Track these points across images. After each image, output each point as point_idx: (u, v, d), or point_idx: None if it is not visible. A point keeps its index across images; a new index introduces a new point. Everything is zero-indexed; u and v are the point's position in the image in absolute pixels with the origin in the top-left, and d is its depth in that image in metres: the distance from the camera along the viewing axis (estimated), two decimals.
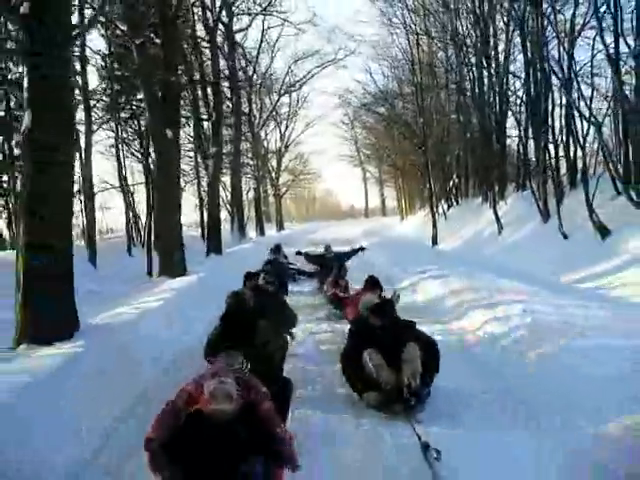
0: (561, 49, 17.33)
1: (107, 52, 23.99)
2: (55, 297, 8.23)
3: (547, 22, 18.27)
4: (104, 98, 25.08)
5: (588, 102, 16.62)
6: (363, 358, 6.43)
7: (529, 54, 20.23)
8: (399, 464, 5.00)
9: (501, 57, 24.33)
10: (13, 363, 6.69)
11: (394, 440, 5.50)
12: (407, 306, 10.10)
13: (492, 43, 24.86)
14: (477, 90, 25.80)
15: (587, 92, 17.66)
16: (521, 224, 19.72)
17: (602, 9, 15.65)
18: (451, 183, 33.17)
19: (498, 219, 21.21)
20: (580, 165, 17.79)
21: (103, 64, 24.60)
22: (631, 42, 15.03)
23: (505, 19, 23.72)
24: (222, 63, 27.50)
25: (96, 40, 24.29)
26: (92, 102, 22.84)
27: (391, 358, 6.33)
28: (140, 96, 22.53)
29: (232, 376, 4.18)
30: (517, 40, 22.08)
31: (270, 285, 10.18)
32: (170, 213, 16.75)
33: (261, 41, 36.47)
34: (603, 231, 14.41)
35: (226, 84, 28.29)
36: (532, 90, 20.07)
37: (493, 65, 24.18)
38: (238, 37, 32.19)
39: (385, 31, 36.10)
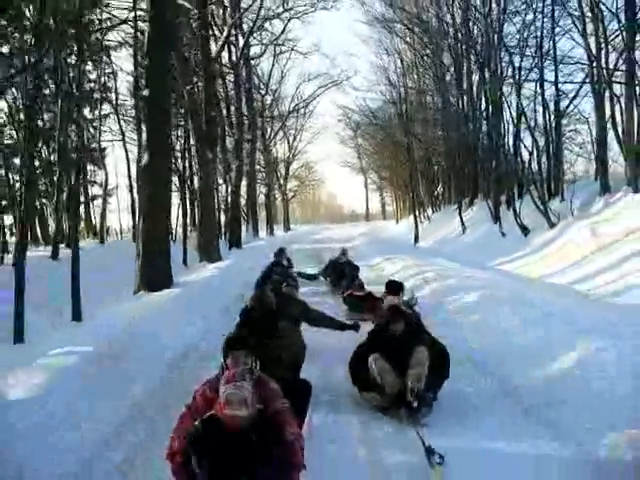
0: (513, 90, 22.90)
1: None
2: (159, 264, 13.73)
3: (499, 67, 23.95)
4: None
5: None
6: (368, 363, 6.46)
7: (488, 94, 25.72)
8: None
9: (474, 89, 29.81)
10: (141, 299, 12.07)
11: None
12: (375, 274, 15.44)
13: (465, 79, 30.38)
14: (459, 112, 31.17)
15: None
16: (478, 226, 25.30)
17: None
18: (436, 192, 38.85)
19: (462, 222, 26.85)
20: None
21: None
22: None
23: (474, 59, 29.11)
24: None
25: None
26: None
27: (399, 362, 6.33)
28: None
29: (247, 378, 4.09)
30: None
31: (293, 289, 10.37)
32: (210, 213, 22.37)
33: (272, 66, 42.07)
34: (525, 230, 20.01)
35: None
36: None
37: (466, 98, 29.71)
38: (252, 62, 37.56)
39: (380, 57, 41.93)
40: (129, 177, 30.81)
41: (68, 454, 5.01)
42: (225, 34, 24.73)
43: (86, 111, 30.01)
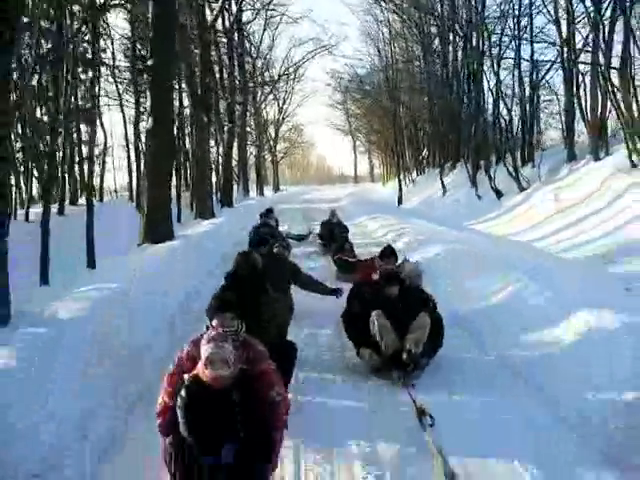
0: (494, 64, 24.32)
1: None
2: (161, 220, 15.18)
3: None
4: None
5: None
6: (370, 318, 6.46)
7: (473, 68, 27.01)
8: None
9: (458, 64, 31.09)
10: (142, 252, 13.52)
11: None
12: (360, 231, 17.00)
13: (451, 48, 31.62)
14: (443, 81, 32.49)
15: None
16: (458, 189, 26.87)
17: None
18: (421, 156, 40.32)
19: (443, 185, 28.40)
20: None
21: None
22: None
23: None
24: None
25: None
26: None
27: (398, 323, 6.37)
28: None
29: (230, 341, 4.04)
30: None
31: (285, 250, 9.74)
32: (204, 173, 23.80)
33: (264, 30, 43.04)
34: (498, 194, 21.59)
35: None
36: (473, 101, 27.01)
37: (451, 68, 31.01)
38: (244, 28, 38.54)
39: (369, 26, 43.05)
40: (126, 138, 32.01)
41: (123, 350, 6.57)
42: (220, 1, 25.87)
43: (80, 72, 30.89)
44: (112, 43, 31.59)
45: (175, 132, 27.79)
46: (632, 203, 13.66)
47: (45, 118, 28.77)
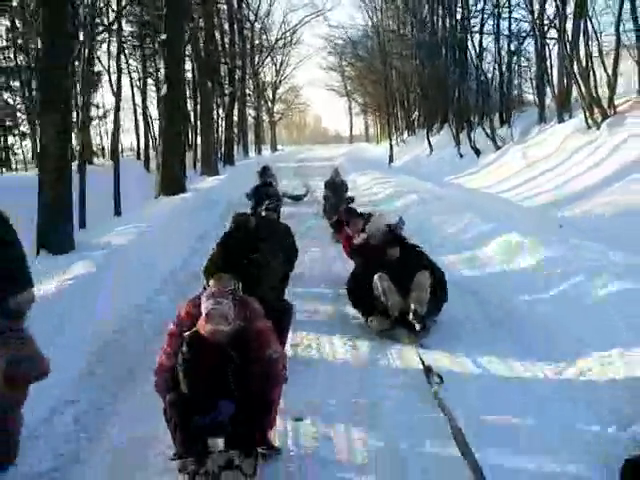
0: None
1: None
2: (175, 174, 17.36)
3: None
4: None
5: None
6: (373, 282, 6.52)
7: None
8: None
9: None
10: (159, 202, 15.65)
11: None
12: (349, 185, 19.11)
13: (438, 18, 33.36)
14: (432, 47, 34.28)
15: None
16: (443, 148, 28.98)
17: None
18: (412, 117, 42.28)
19: (430, 145, 30.53)
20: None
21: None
22: None
23: None
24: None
25: None
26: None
27: (400, 284, 6.43)
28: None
29: (229, 297, 4.14)
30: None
31: (273, 212, 9.69)
32: (209, 134, 25.92)
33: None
34: (477, 152, 23.75)
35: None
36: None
37: (439, 34, 32.81)
38: None
39: None
40: (133, 102, 33.84)
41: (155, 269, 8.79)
42: None
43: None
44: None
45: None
46: (584, 159, 15.83)
47: None
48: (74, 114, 23.08)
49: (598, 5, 22.59)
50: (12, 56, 34.91)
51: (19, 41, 32.66)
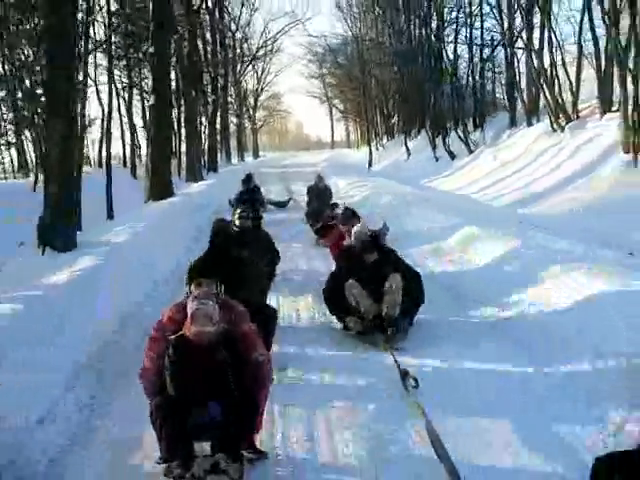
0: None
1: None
2: (165, 179, 18.24)
3: None
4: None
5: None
6: (345, 289, 6.63)
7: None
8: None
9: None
10: (150, 206, 16.51)
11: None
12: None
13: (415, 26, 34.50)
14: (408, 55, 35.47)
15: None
16: (420, 152, 30.10)
17: None
18: (391, 123, 43.41)
19: (408, 149, 31.63)
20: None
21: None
22: None
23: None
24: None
25: None
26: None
27: (374, 289, 6.51)
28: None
29: (213, 299, 4.20)
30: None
31: (254, 220, 9.29)
32: (194, 139, 26.81)
33: (242, 6, 45.83)
34: (452, 155, 24.83)
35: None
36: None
37: (414, 43, 33.94)
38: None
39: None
40: (119, 111, 34.55)
41: (170, 259, 9.71)
42: None
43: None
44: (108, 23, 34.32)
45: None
46: (548, 160, 16.96)
47: None
48: None
49: (561, 16, 23.88)
50: None
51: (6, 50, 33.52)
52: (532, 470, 3.94)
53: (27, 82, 35.76)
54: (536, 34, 20.51)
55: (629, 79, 14.10)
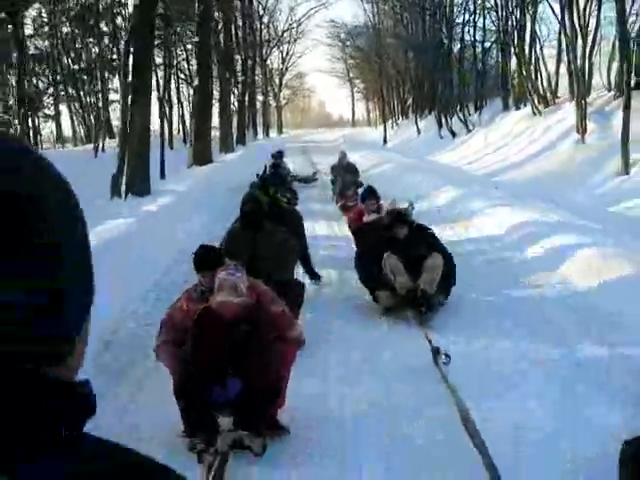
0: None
1: None
2: (204, 148, 21.87)
3: None
4: None
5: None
6: (382, 260, 6.57)
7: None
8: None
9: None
10: (194, 169, 20.12)
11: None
12: None
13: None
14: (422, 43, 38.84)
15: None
16: (428, 131, 33.51)
17: None
18: (407, 103, 46.77)
19: (418, 128, 35.08)
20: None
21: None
22: None
23: None
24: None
25: None
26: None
27: (412, 266, 6.49)
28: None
29: (243, 271, 4.22)
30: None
31: (291, 203, 9.42)
32: (227, 117, 30.41)
33: None
34: (454, 135, 28.31)
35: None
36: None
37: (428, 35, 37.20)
38: None
39: None
40: (157, 89, 37.95)
41: (216, 203, 13.24)
42: None
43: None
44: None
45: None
46: (525, 138, 20.35)
47: None
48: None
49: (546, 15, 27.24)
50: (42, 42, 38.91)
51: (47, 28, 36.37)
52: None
53: (65, 59, 39.82)
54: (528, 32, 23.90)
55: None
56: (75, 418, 0.61)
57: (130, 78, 13.77)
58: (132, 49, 14.03)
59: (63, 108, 44.30)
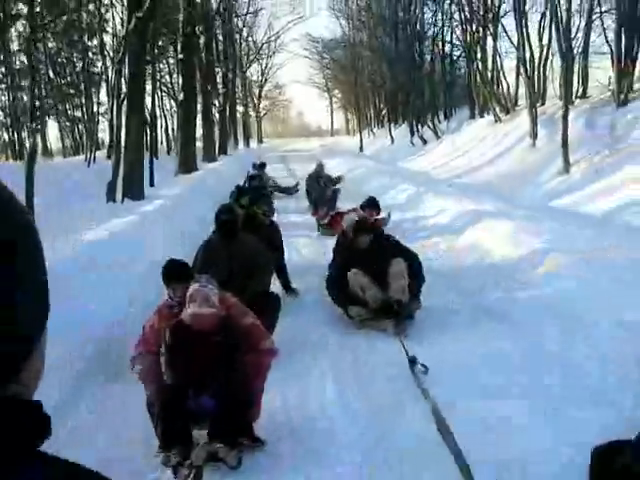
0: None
1: None
2: (189, 157, 23.46)
3: None
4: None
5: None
6: (349, 279, 6.53)
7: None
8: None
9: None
10: (181, 177, 21.71)
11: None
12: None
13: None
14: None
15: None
16: (402, 139, 35.28)
17: None
18: (382, 113, 48.62)
19: (392, 136, 36.85)
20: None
21: None
22: None
23: None
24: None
25: None
26: None
27: (378, 276, 6.46)
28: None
29: (214, 284, 4.23)
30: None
31: (267, 217, 8.80)
32: (209, 127, 32.04)
33: (248, 7, 50.96)
34: (424, 141, 30.10)
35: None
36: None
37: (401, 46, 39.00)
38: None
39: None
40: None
41: (203, 205, 14.79)
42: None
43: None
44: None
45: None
46: (486, 144, 22.10)
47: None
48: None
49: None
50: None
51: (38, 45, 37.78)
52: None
53: (50, 73, 41.10)
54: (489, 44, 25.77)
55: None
56: (27, 436, 0.62)
57: (125, 95, 15.36)
58: (127, 69, 15.62)
59: (50, 121, 45.55)
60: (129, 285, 7.38)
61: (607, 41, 18.91)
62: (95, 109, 37.54)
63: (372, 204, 9.29)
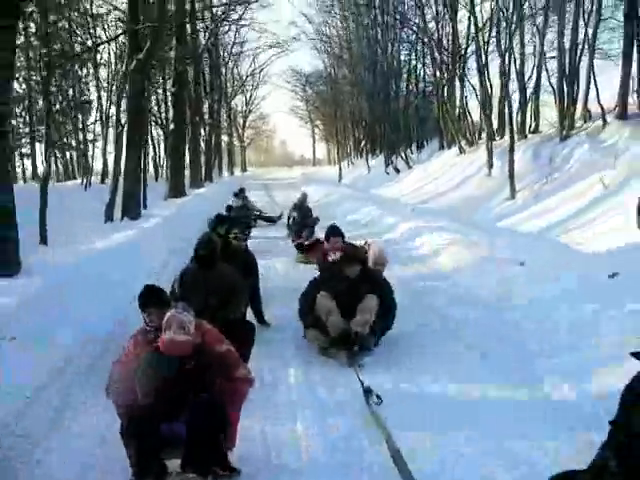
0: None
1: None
2: (179, 184, 25.40)
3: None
4: None
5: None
6: (317, 300, 6.58)
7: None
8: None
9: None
10: (171, 201, 23.60)
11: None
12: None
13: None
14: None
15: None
16: (378, 168, 37.41)
17: None
18: (361, 145, 50.88)
19: (368, 166, 39.10)
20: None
21: None
22: None
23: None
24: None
25: None
26: None
27: (347, 304, 6.48)
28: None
29: (191, 312, 4.21)
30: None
31: (238, 240, 8.54)
32: (197, 156, 34.03)
33: (234, 40, 53.16)
34: (397, 171, 32.28)
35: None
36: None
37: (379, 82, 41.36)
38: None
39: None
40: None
41: (193, 225, 16.66)
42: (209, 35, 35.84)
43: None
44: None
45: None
46: (451, 173, 24.23)
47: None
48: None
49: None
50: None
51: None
52: None
53: (40, 102, 42.63)
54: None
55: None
56: None
57: (124, 127, 17.22)
58: (126, 103, 17.52)
59: (39, 147, 47.09)
60: (129, 285, 8.10)
61: (550, 84, 21.00)
62: (87, 137, 39.24)
63: (335, 232, 9.14)
